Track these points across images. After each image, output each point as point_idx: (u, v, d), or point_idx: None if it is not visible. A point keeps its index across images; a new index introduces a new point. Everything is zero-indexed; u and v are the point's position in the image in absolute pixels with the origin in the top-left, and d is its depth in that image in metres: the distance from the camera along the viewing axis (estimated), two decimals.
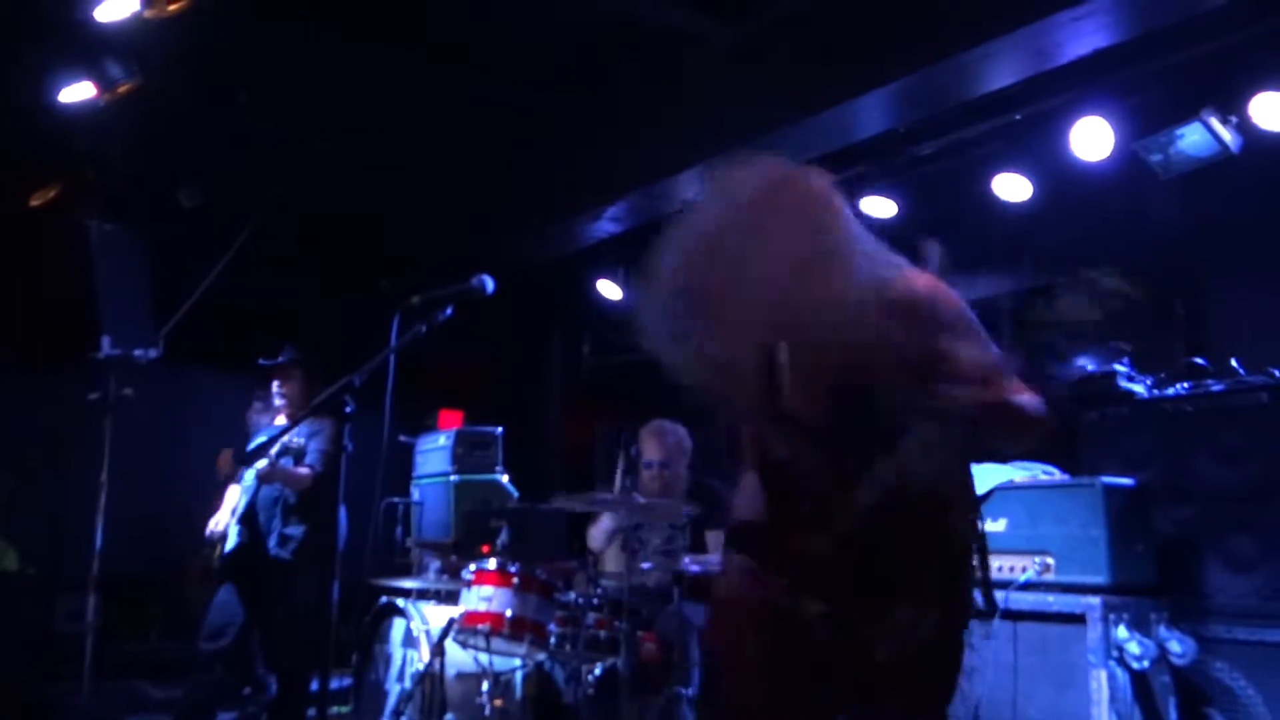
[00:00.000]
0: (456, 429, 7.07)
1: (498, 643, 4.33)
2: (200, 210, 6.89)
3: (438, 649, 4.53)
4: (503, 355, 9.04)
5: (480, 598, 4.35)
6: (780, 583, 2.17)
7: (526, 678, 4.66)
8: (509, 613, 4.29)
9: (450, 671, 4.61)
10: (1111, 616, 3.73)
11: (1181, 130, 4.77)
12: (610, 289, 7.69)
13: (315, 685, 3.73)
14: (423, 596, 5.08)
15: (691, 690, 4.32)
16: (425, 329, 3.27)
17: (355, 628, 5.22)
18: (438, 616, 4.76)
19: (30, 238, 6.84)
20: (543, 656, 4.47)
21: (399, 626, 4.99)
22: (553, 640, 4.34)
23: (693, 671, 4.36)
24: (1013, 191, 5.57)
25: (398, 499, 6.78)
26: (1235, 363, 4.18)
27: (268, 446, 4.94)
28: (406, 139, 6.94)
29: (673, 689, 4.27)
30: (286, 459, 5.11)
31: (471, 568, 4.48)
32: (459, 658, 4.57)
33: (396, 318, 3.33)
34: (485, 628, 4.25)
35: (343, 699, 5.38)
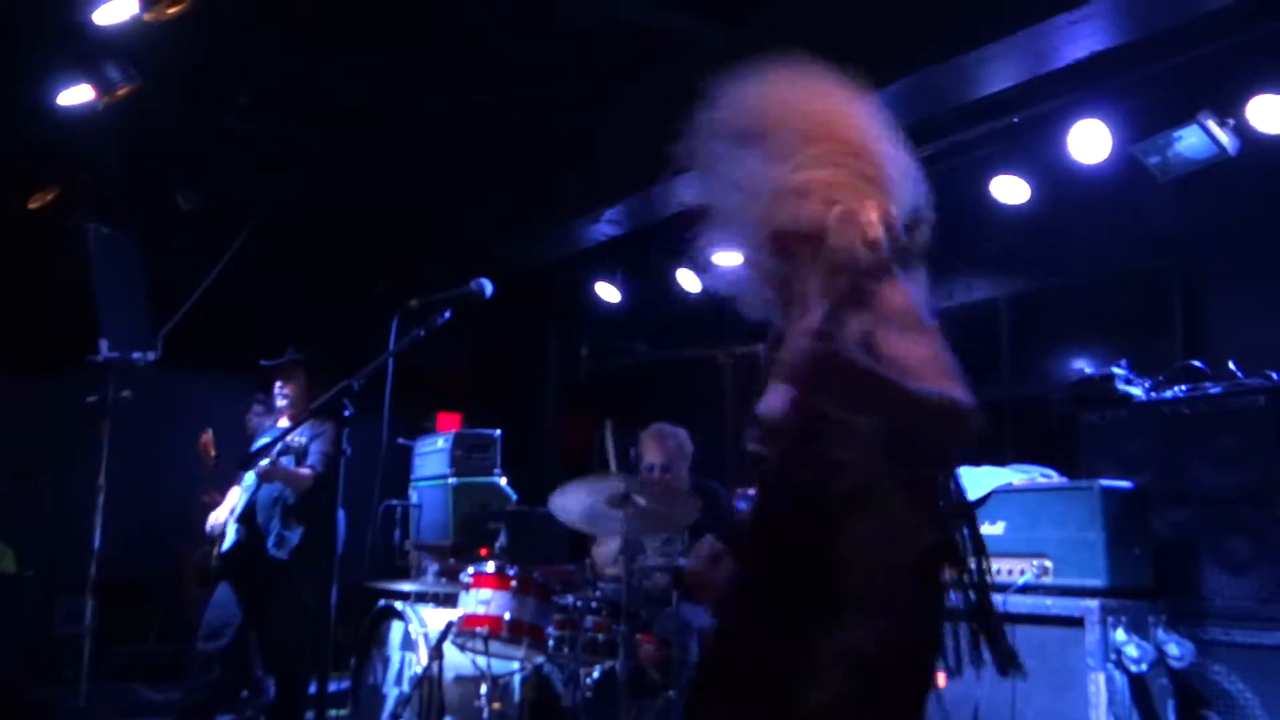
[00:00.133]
0: (455, 432, 7.06)
1: (496, 646, 4.32)
2: (197, 214, 6.90)
3: (436, 652, 4.53)
4: (501, 358, 9.04)
5: (478, 601, 4.35)
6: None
7: (525, 681, 4.65)
8: (507, 616, 4.29)
9: (448, 674, 4.61)
10: (1110, 619, 3.72)
11: (1179, 133, 4.77)
12: (609, 291, 7.69)
13: (313, 688, 3.74)
14: (421, 599, 5.07)
15: None
16: (423, 332, 3.26)
17: (353, 630, 5.22)
18: (436, 619, 4.76)
19: (28, 241, 6.84)
20: (541, 659, 4.47)
21: (397, 629, 4.99)
22: (551, 643, 4.35)
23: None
24: (1011, 194, 5.58)
25: (396, 502, 6.77)
26: (1233, 365, 4.18)
27: (271, 447, 4.93)
28: (405, 142, 6.94)
29: (671, 692, 4.27)
30: (288, 458, 5.10)
31: (470, 571, 4.48)
32: (457, 661, 4.57)
33: (395, 321, 3.33)
34: (483, 631, 4.25)
35: (341, 702, 5.37)
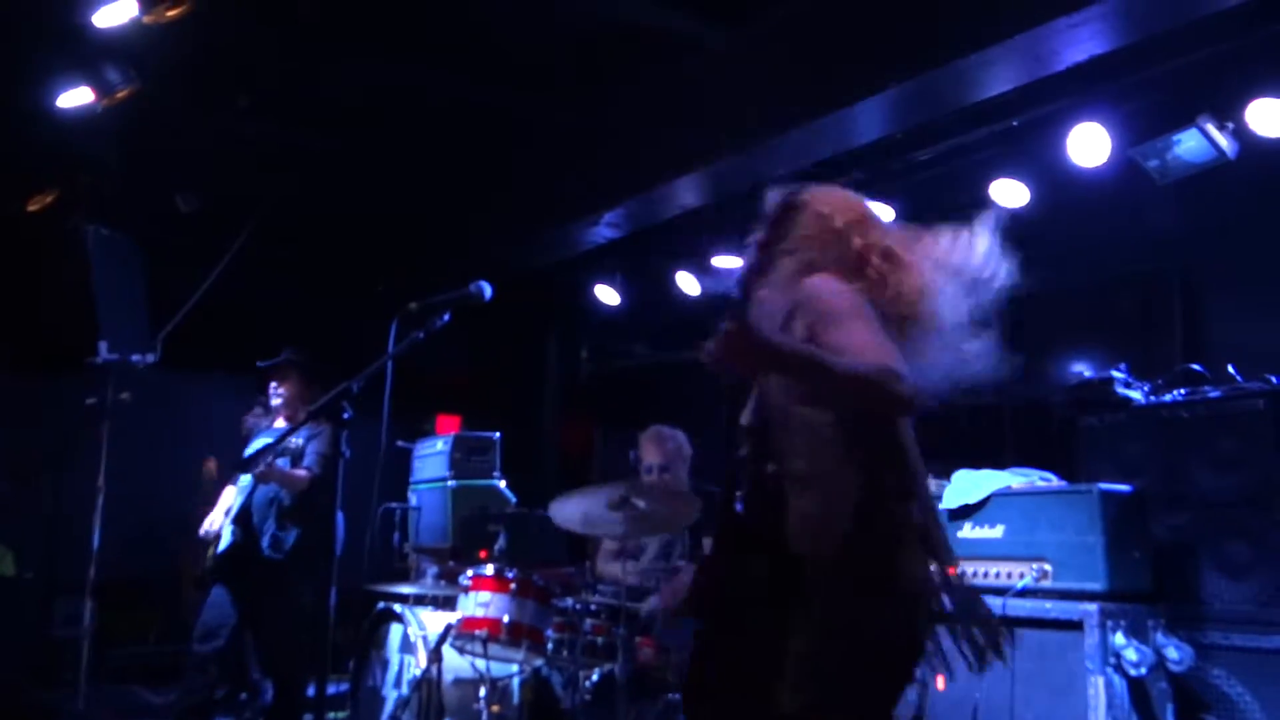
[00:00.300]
0: (454, 434, 7.05)
1: (495, 648, 4.32)
2: (197, 215, 6.90)
3: (435, 655, 4.52)
4: (500, 361, 9.03)
5: (478, 603, 4.35)
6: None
7: (524, 684, 4.65)
8: (506, 618, 4.28)
9: (447, 677, 4.60)
10: (1109, 623, 3.72)
11: (1178, 136, 4.77)
12: (608, 294, 7.69)
13: (312, 691, 3.73)
14: (420, 602, 5.07)
15: None
16: (423, 335, 3.26)
17: (352, 633, 5.22)
18: (435, 622, 4.75)
19: (28, 242, 6.84)
20: (540, 662, 4.46)
21: (396, 632, 4.99)
22: (550, 646, 4.34)
23: None
24: (1010, 197, 5.58)
25: (395, 504, 6.77)
26: (1232, 369, 4.18)
27: (267, 451, 4.93)
28: (405, 143, 6.94)
29: (670, 694, 4.26)
30: (283, 459, 5.10)
31: (469, 573, 4.47)
32: (456, 663, 4.56)
33: (394, 323, 3.33)
34: (483, 633, 4.25)
35: (339, 705, 5.37)
